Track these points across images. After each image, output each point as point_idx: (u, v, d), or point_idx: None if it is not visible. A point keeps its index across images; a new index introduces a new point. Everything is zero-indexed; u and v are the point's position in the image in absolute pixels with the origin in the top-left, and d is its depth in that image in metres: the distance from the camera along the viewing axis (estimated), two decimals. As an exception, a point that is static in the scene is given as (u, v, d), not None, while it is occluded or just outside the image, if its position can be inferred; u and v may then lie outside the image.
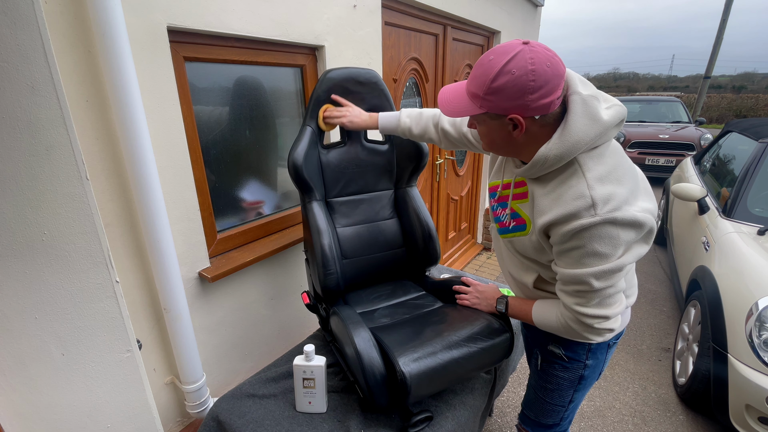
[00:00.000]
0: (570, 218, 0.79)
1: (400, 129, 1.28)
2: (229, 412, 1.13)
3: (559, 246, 0.85)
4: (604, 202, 0.77)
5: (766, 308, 1.60)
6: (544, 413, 1.18)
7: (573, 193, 0.80)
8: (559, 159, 0.80)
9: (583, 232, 0.79)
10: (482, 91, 0.78)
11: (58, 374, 0.80)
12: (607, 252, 0.79)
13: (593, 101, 0.79)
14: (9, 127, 0.66)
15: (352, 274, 1.43)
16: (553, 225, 0.83)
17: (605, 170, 0.80)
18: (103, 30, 0.96)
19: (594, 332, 0.89)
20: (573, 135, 0.78)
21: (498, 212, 1.03)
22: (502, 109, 0.78)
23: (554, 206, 0.83)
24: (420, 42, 2.38)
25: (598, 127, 0.79)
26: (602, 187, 0.78)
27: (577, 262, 0.83)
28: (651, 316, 2.79)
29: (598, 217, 0.77)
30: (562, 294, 0.91)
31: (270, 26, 1.40)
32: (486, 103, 0.79)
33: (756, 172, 2.34)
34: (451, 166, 3.08)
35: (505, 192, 1.00)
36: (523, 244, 0.96)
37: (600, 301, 0.86)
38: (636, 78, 55.93)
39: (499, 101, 0.77)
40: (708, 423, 1.91)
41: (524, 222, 0.94)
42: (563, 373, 1.09)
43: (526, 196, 0.92)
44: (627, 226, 0.78)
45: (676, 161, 6.17)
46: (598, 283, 0.82)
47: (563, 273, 0.86)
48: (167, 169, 1.23)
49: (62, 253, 0.75)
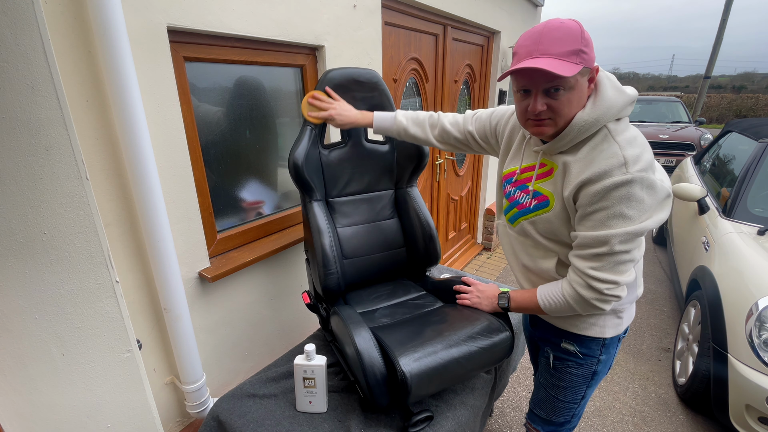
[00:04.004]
0: (603, 176, 0.83)
1: (395, 129, 1.27)
2: (229, 412, 1.13)
3: (585, 208, 0.87)
4: (635, 161, 0.82)
5: (766, 308, 1.60)
6: (556, 411, 1.18)
7: (606, 153, 0.85)
8: (593, 123, 0.85)
9: (614, 191, 0.82)
10: (579, 44, 0.81)
11: (58, 374, 0.80)
12: (632, 215, 0.83)
13: (614, 77, 0.89)
14: (9, 127, 0.65)
15: (352, 273, 1.43)
16: (585, 185, 0.86)
17: (631, 136, 0.86)
18: (103, 30, 0.96)
19: (603, 299, 0.90)
20: (605, 101, 0.85)
21: (516, 196, 1.04)
22: (592, 60, 0.83)
23: (587, 168, 0.86)
24: (420, 42, 2.38)
25: (625, 97, 0.87)
26: (632, 148, 0.84)
27: (601, 224, 0.85)
28: (651, 316, 2.79)
29: (629, 175, 0.81)
30: (576, 259, 0.92)
31: (270, 26, 1.40)
32: (584, 56, 0.82)
33: (756, 172, 2.34)
34: (451, 166, 3.08)
35: (524, 175, 1.02)
36: (547, 221, 0.97)
37: (614, 266, 0.87)
38: (636, 78, 55.92)
39: (591, 52, 0.83)
40: (708, 423, 1.91)
41: (547, 198, 0.96)
42: (577, 370, 1.09)
43: (550, 173, 0.95)
44: (650, 189, 0.83)
45: (676, 161, 6.17)
46: (620, 246, 0.85)
47: (584, 236, 0.88)
48: (167, 169, 1.23)
49: (62, 253, 0.75)
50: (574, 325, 1.06)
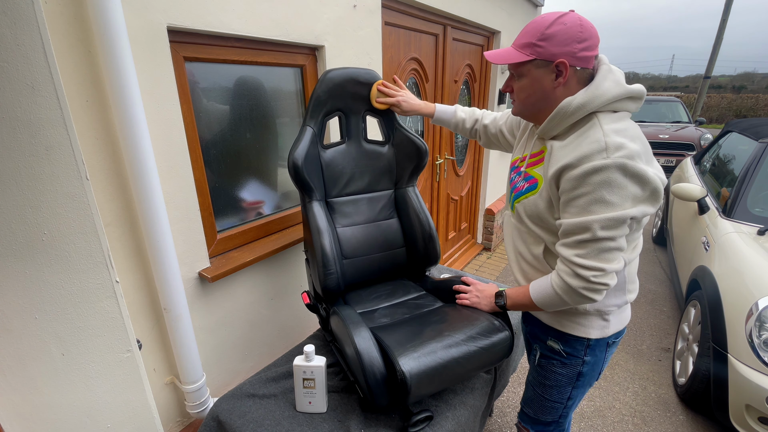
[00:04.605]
0: (582, 160, 0.84)
1: (454, 121, 1.37)
2: (229, 412, 1.13)
3: (568, 194, 0.88)
4: (616, 148, 0.82)
5: (766, 308, 1.60)
6: (543, 410, 1.19)
7: (590, 139, 0.86)
8: (580, 108, 0.87)
9: (593, 175, 0.83)
10: (535, 38, 0.87)
11: (58, 374, 0.80)
12: (613, 201, 0.83)
13: (619, 73, 0.90)
14: (9, 127, 0.66)
15: (352, 274, 1.43)
16: (565, 169, 0.87)
17: (621, 127, 0.87)
18: (103, 30, 0.96)
19: (590, 287, 0.90)
20: (597, 89, 0.87)
21: (515, 181, 1.07)
22: (551, 54, 0.87)
23: (570, 153, 0.88)
24: (420, 42, 2.38)
25: (620, 89, 0.87)
26: (617, 137, 0.84)
27: (583, 210, 0.86)
28: (651, 316, 2.79)
29: (609, 160, 0.81)
30: (562, 248, 0.93)
31: (270, 26, 1.40)
32: (537, 50, 0.88)
33: (756, 172, 2.34)
34: (451, 166, 3.08)
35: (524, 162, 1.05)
36: (533, 203, 0.98)
37: (599, 253, 0.87)
38: (636, 78, 55.94)
39: (550, 46, 0.86)
40: (708, 423, 1.91)
41: (536, 181, 0.98)
42: (561, 369, 1.10)
43: (542, 160, 0.97)
44: (634, 178, 0.82)
45: (676, 161, 6.18)
46: (602, 232, 0.85)
47: (567, 223, 0.89)
48: (167, 169, 1.23)
49: (62, 253, 0.75)
50: (559, 323, 1.07)
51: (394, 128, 1.49)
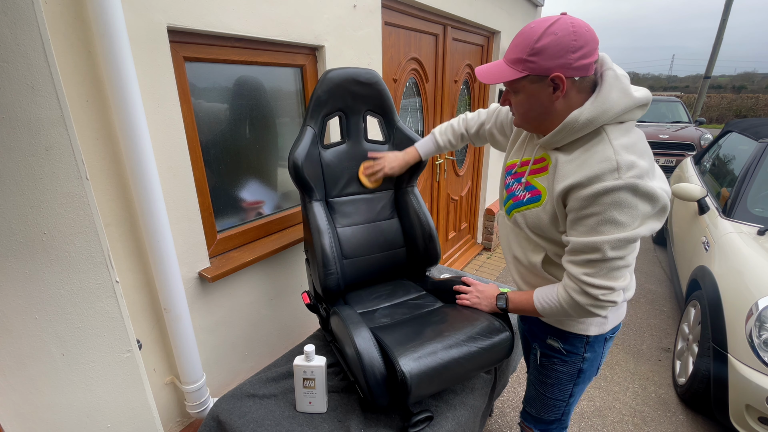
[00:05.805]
0: (593, 180, 0.81)
1: (442, 147, 1.38)
2: (229, 412, 1.13)
3: (577, 213, 0.85)
4: (628, 167, 0.80)
5: (766, 308, 1.60)
6: (546, 409, 1.19)
7: (599, 157, 0.82)
8: (588, 123, 0.83)
9: (604, 197, 0.80)
10: (526, 53, 0.82)
11: (58, 374, 0.80)
12: (624, 221, 0.81)
13: (625, 79, 0.85)
14: (9, 127, 0.66)
15: (352, 274, 1.43)
16: (574, 188, 0.84)
17: (630, 141, 0.83)
18: (103, 30, 0.96)
19: (598, 305, 0.89)
20: (605, 102, 0.82)
21: (513, 188, 1.05)
22: (544, 69, 0.81)
23: (578, 170, 0.84)
24: (420, 42, 2.38)
25: (629, 101, 0.83)
26: (627, 154, 0.81)
27: (592, 230, 0.84)
28: (651, 316, 2.79)
29: (621, 181, 0.79)
30: (570, 265, 0.91)
31: (270, 26, 1.40)
32: (529, 65, 0.82)
33: (756, 172, 2.34)
34: (451, 166, 3.08)
35: (524, 168, 1.02)
36: (536, 216, 0.96)
37: (608, 272, 0.86)
38: (636, 78, 55.95)
39: (542, 61, 0.81)
40: (708, 423, 1.91)
41: (539, 193, 0.95)
42: (562, 367, 1.10)
43: (546, 169, 0.94)
44: (645, 198, 0.80)
45: (676, 161, 6.18)
46: (612, 252, 0.83)
47: (576, 242, 0.87)
48: (167, 169, 1.23)
49: (62, 253, 0.75)
50: (558, 321, 1.07)
51: (395, 128, 1.49)
